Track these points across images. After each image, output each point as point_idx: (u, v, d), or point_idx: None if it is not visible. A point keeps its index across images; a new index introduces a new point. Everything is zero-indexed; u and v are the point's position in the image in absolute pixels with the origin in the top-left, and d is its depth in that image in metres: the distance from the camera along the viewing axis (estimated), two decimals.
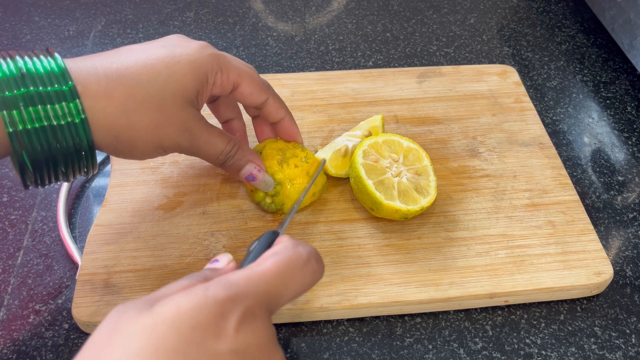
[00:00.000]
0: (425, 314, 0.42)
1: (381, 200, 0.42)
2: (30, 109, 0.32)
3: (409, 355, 0.40)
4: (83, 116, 0.33)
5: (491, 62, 0.64)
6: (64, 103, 0.33)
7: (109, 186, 0.48)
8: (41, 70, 0.33)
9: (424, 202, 0.43)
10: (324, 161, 0.46)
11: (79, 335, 0.40)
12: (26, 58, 0.33)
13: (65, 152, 0.34)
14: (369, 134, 0.49)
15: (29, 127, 0.32)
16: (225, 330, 0.24)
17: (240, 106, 0.48)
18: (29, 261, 0.45)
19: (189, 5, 0.71)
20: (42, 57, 0.34)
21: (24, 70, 0.32)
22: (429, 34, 0.68)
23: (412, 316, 0.42)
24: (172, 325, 0.24)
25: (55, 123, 0.33)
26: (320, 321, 0.42)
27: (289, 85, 0.57)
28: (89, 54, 0.36)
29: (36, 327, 0.41)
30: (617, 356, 0.40)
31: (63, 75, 0.33)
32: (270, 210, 0.45)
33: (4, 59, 0.33)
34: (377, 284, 0.42)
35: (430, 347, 0.41)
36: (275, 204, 0.44)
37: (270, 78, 0.57)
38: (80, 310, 0.39)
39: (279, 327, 0.41)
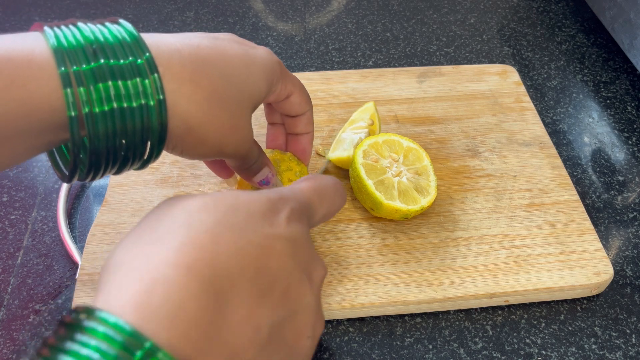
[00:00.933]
0: (425, 314, 0.42)
1: (381, 200, 0.42)
2: (100, 86, 0.26)
3: (409, 355, 0.40)
4: (160, 96, 0.28)
5: (491, 61, 0.64)
6: (138, 79, 0.27)
7: (109, 186, 0.47)
8: (110, 39, 0.27)
9: (424, 202, 0.43)
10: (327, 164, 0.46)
11: None
12: (91, 26, 0.28)
13: (130, 141, 0.29)
14: (372, 123, 0.49)
15: (97, 110, 0.26)
16: (277, 220, 0.27)
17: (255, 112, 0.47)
18: (28, 261, 0.45)
19: (189, 5, 0.71)
20: (107, 24, 0.28)
21: (92, 39, 0.27)
22: (429, 34, 0.68)
23: (412, 316, 0.42)
24: (232, 208, 0.26)
25: (126, 105, 0.27)
26: None
27: None
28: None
29: (36, 327, 0.41)
30: (618, 356, 0.40)
31: (138, 44, 0.28)
32: None
33: (67, 26, 0.27)
34: (377, 283, 0.42)
35: (431, 347, 0.41)
36: None
37: None
38: None
39: None
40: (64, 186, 0.49)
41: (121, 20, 0.29)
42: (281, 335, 0.25)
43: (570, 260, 0.43)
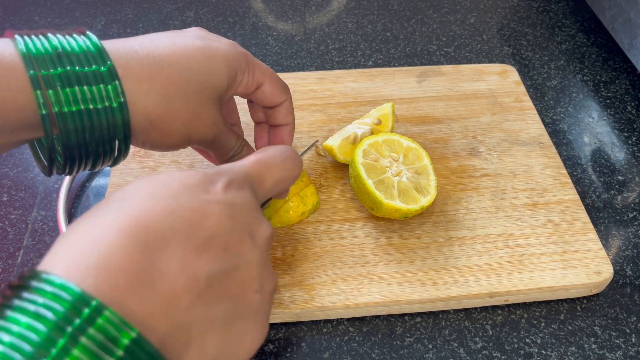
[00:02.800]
0: (425, 313, 0.42)
1: (381, 200, 0.42)
2: (68, 90, 0.30)
3: (409, 354, 0.40)
4: (122, 99, 0.31)
5: (491, 61, 0.64)
6: (101, 85, 0.31)
7: (109, 185, 0.47)
8: (77, 49, 0.31)
9: (424, 201, 0.43)
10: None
11: None
12: (59, 36, 0.31)
13: (99, 138, 0.32)
14: (379, 122, 0.49)
15: (65, 109, 0.30)
16: (214, 189, 0.28)
17: (242, 113, 0.47)
18: (29, 260, 0.45)
19: (189, 5, 0.71)
20: (75, 35, 0.32)
21: (60, 48, 0.30)
22: (429, 34, 0.68)
23: (412, 316, 0.42)
24: (165, 182, 0.27)
25: (92, 107, 0.31)
26: (320, 321, 0.42)
27: (288, 85, 0.57)
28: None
29: None
30: (617, 355, 0.40)
31: (101, 54, 0.31)
32: None
33: (37, 36, 0.31)
34: (377, 283, 0.42)
35: (431, 346, 0.41)
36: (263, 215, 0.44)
37: None
38: None
39: (279, 326, 0.41)
40: (64, 186, 0.49)
41: (88, 32, 0.32)
42: (224, 285, 0.26)
43: (570, 260, 0.43)
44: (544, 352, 0.40)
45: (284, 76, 0.58)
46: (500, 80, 0.59)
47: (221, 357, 0.26)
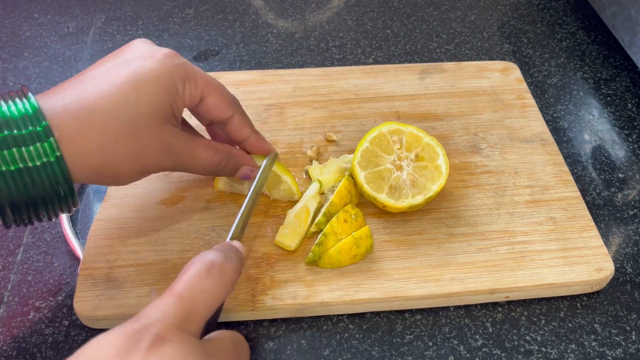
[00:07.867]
0: (425, 311, 0.42)
1: (393, 205, 0.43)
2: (5, 152, 0.32)
3: (409, 351, 0.40)
4: (58, 154, 0.33)
5: (492, 59, 0.64)
6: (38, 144, 0.32)
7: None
8: (15, 113, 0.33)
9: (435, 187, 0.44)
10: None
11: (79, 332, 0.40)
12: (1, 102, 0.33)
13: (43, 192, 0.34)
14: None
15: (4, 169, 0.32)
16: (135, 355, 0.27)
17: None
18: (29, 258, 0.45)
19: (189, 2, 0.71)
20: (16, 99, 0.33)
21: None
22: (430, 31, 0.68)
23: (412, 313, 0.42)
24: (91, 355, 0.27)
25: (31, 164, 0.32)
26: (320, 318, 0.42)
27: (290, 81, 0.57)
28: (59, 84, 0.36)
29: (36, 324, 0.41)
30: (617, 353, 0.40)
31: (37, 116, 0.33)
32: (307, 260, 0.42)
33: None
34: (378, 279, 0.42)
35: (431, 343, 0.41)
36: (314, 253, 0.41)
37: (271, 74, 0.57)
38: (82, 305, 0.39)
39: (279, 323, 0.41)
40: None
41: (29, 93, 0.34)
42: None
43: (571, 257, 0.43)
44: (544, 349, 0.40)
45: (285, 73, 0.58)
46: (502, 77, 0.59)
47: None
